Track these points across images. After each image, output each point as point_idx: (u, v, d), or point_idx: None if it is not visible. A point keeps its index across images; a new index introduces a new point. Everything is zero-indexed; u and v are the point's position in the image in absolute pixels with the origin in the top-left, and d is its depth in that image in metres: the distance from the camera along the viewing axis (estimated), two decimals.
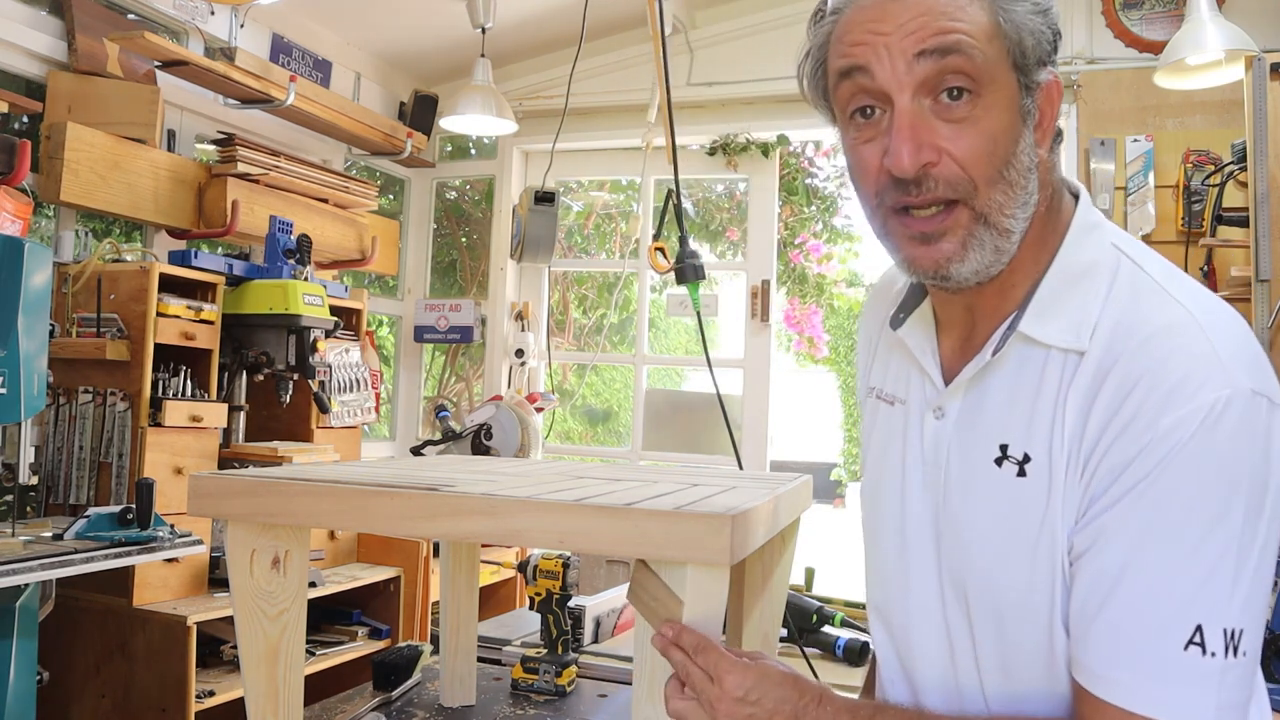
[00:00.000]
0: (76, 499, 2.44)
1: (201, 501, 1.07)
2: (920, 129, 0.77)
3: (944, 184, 0.78)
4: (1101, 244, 0.83)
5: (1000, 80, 0.78)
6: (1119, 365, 0.75)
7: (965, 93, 0.77)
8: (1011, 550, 0.80)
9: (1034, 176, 0.81)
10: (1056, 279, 0.82)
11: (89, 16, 2.61)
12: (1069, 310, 0.80)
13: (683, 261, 1.87)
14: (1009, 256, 0.81)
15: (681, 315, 3.98)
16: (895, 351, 0.97)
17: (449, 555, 1.47)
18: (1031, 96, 0.80)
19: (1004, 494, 0.81)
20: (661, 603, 0.88)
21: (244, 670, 1.08)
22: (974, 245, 0.79)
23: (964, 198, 0.78)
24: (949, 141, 0.77)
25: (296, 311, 2.69)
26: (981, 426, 0.84)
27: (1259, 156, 2.36)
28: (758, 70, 3.50)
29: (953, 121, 0.77)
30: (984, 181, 0.78)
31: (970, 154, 0.77)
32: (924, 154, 0.77)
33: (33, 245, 1.90)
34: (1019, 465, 0.80)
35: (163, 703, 2.30)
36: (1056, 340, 0.79)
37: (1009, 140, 0.78)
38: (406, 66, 3.84)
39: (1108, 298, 0.79)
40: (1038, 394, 0.80)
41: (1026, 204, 0.80)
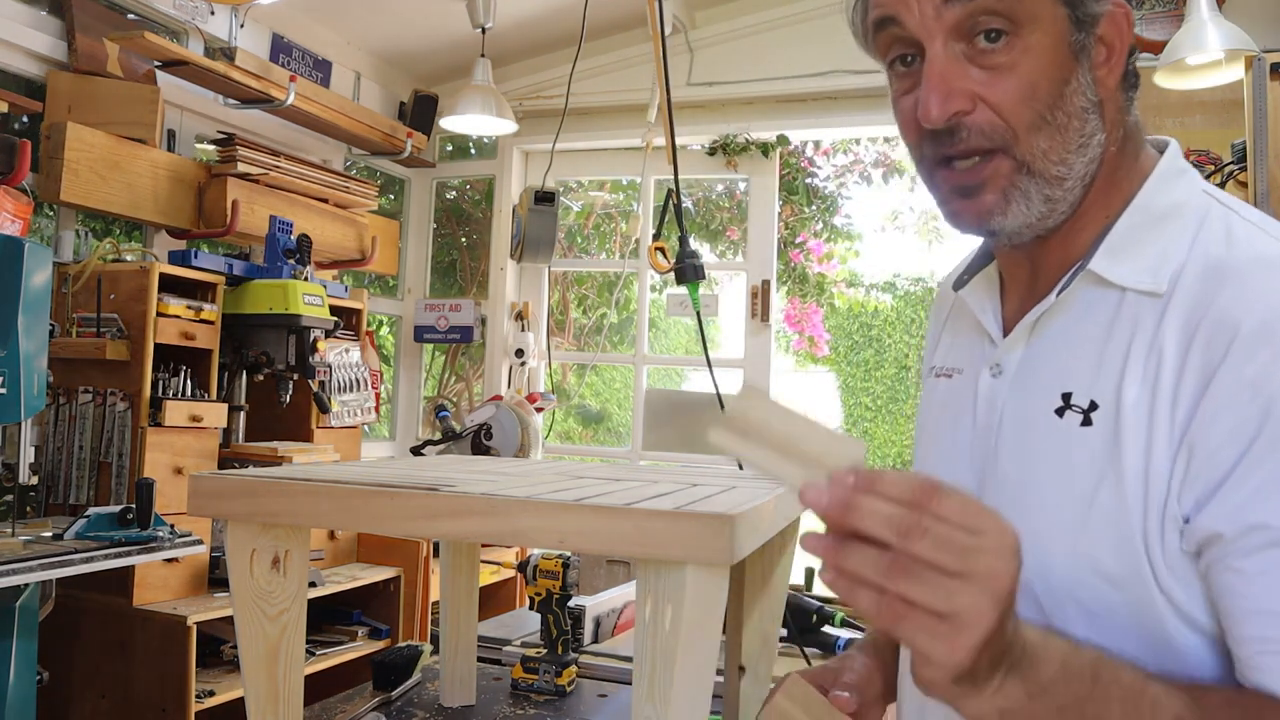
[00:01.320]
0: (76, 499, 2.44)
1: (201, 501, 1.07)
2: (951, 76, 0.72)
3: (978, 133, 0.73)
4: (1191, 188, 0.77)
5: (1043, 16, 0.72)
6: (1214, 310, 0.67)
7: (1002, 34, 0.71)
8: (1068, 510, 0.71)
9: (1092, 117, 0.74)
10: (1135, 218, 0.75)
11: (89, 16, 2.61)
12: (1148, 251, 0.73)
13: (682, 261, 1.86)
14: (1067, 205, 0.75)
15: (681, 315, 3.98)
16: (960, 321, 0.91)
17: (449, 555, 1.47)
18: (1087, 30, 0.73)
19: (1064, 447, 0.73)
20: None
21: (244, 670, 1.08)
22: (1017, 197, 0.74)
23: (1003, 146, 0.73)
24: (984, 87, 0.72)
25: (296, 311, 2.69)
26: (1042, 377, 0.76)
27: (1259, 156, 2.36)
28: (758, 70, 3.50)
29: (989, 67, 0.72)
30: (1025, 128, 0.72)
31: (1008, 99, 0.72)
32: (953, 103, 0.72)
33: (33, 245, 1.91)
34: (1084, 414, 0.72)
35: (163, 703, 2.30)
36: (1131, 281, 0.72)
37: (1055, 81, 0.72)
38: (406, 66, 3.84)
39: (1195, 240, 0.72)
40: (1108, 338, 0.73)
41: (1085, 147, 0.74)
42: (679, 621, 0.88)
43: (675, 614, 0.88)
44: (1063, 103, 0.73)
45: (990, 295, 0.85)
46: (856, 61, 3.34)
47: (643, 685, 0.90)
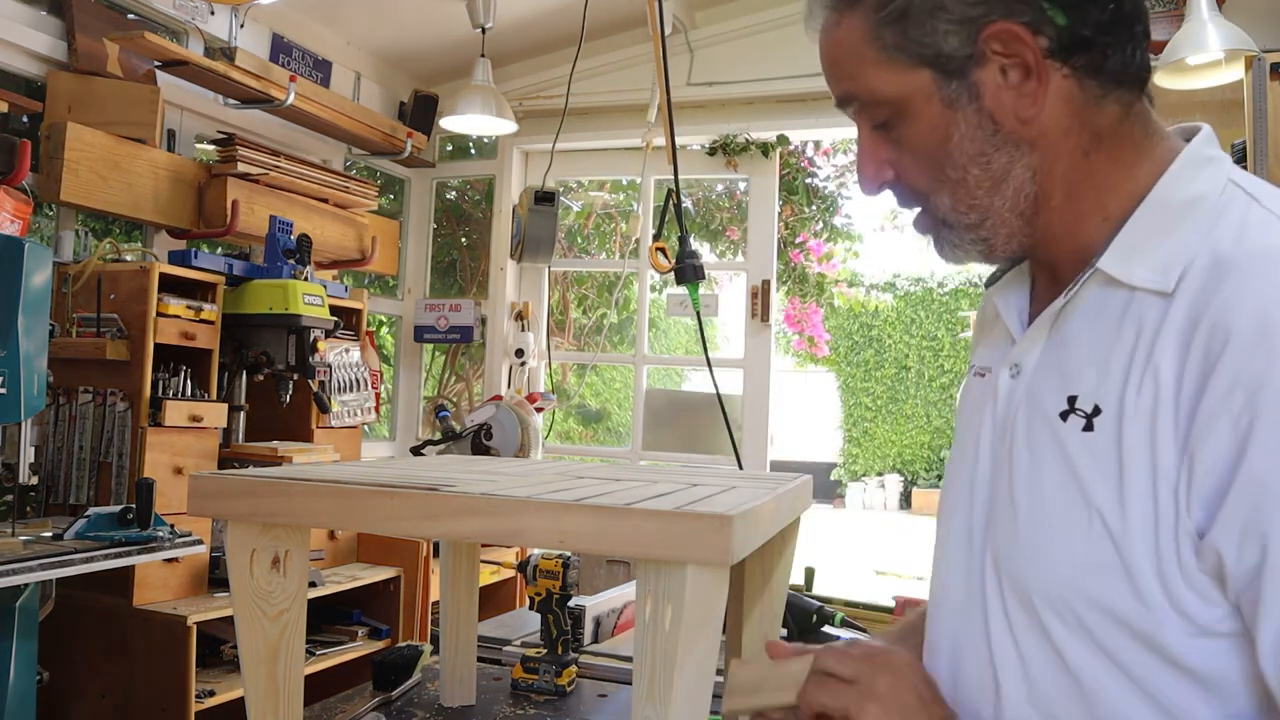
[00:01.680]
0: (76, 499, 2.44)
1: (201, 501, 1.07)
2: (869, 156, 0.81)
3: (903, 195, 0.81)
4: (1215, 178, 0.74)
5: (909, 92, 0.76)
6: (1213, 307, 0.66)
7: (886, 123, 0.79)
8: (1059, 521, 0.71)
9: (999, 153, 0.75)
10: (1150, 213, 0.73)
11: (89, 16, 2.61)
12: (1161, 248, 0.71)
13: (683, 261, 1.87)
14: (1006, 234, 0.78)
15: (681, 315, 3.99)
16: (991, 317, 0.91)
17: (449, 555, 1.47)
18: (960, 76, 0.75)
19: (1066, 452, 0.72)
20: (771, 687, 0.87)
21: (244, 670, 1.08)
22: (946, 243, 0.81)
23: (922, 204, 0.81)
24: (893, 161, 0.80)
25: (296, 311, 2.69)
26: (1053, 378, 0.76)
27: (1259, 156, 2.36)
28: (758, 70, 3.50)
29: (891, 142, 0.80)
30: (928, 190, 0.79)
31: (908, 172, 0.80)
32: (882, 174, 0.81)
33: (33, 245, 1.90)
34: (1086, 418, 0.71)
35: (163, 703, 2.30)
36: (1140, 280, 0.71)
37: (938, 143, 0.76)
38: (406, 66, 3.84)
39: (1209, 234, 0.70)
40: (1116, 340, 0.71)
41: (1001, 183, 0.76)
42: (679, 621, 0.88)
43: (675, 614, 0.88)
44: (950, 159, 0.76)
45: (1018, 293, 0.85)
46: None
47: (643, 685, 0.90)
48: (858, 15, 0.77)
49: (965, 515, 0.82)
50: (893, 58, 0.76)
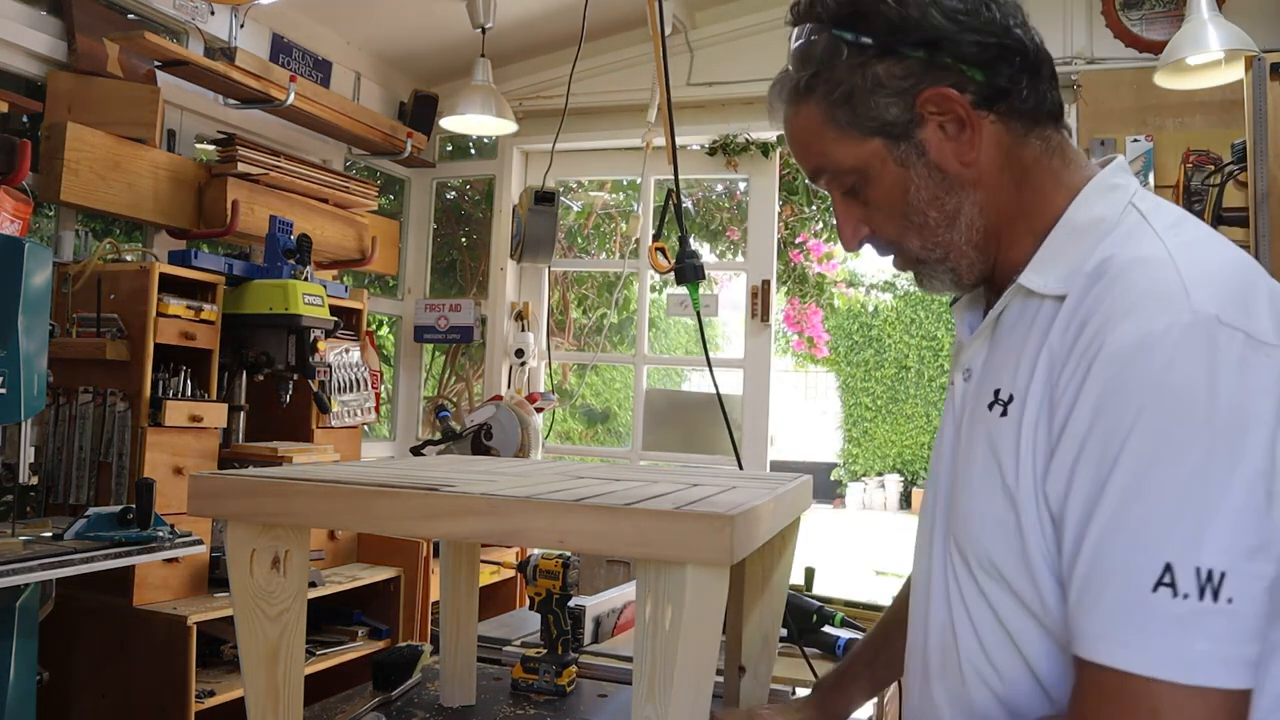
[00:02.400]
0: (76, 499, 2.44)
1: (201, 501, 1.07)
2: (846, 216, 0.94)
3: (880, 247, 0.94)
4: (1116, 202, 0.86)
5: (867, 159, 0.90)
6: (1084, 303, 0.78)
7: (853, 188, 0.92)
8: (983, 493, 0.83)
9: (950, 196, 0.89)
10: (1061, 233, 0.87)
11: (89, 16, 2.61)
12: (1066, 261, 0.84)
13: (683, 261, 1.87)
14: (969, 261, 0.91)
15: (682, 315, 3.99)
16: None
17: (449, 555, 1.47)
18: (906, 138, 0.88)
19: (989, 436, 0.85)
20: None
21: (244, 670, 1.08)
22: (924, 277, 0.94)
23: (895, 250, 0.94)
24: (865, 220, 0.94)
25: (296, 311, 2.69)
26: (986, 378, 0.89)
27: (1259, 156, 2.36)
28: (758, 70, 3.50)
29: (860, 204, 0.93)
30: (898, 237, 0.92)
31: (879, 226, 0.93)
32: (859, 232, 0.94)
33: (33, 245, 1.90)
34: (1004, 406, 0.84)
35: (163, 703, 2.30)
36: (1044, 288, 0.84)
37: (899, 196, 0.90)
38: (406, 66, 3.84)
39: (1097, 247, 0.82)
40: (1026, 339, 0.84)
41: (954, 219, 0.89)
42: (679, 621, 0.88)
43: (675, 614, 0.89)
44: (911, 208, 0.89)
45: (974, 310, 0.99)
46: None
47: (643, 685, 0.90)
48: (811, 103, 0.91)
49: (932, 505, 0.96)
50: (847, 133, 0.89)
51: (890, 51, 0.87)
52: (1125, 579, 0.69)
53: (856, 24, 0.87)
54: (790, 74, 0.94)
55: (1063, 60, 3.06)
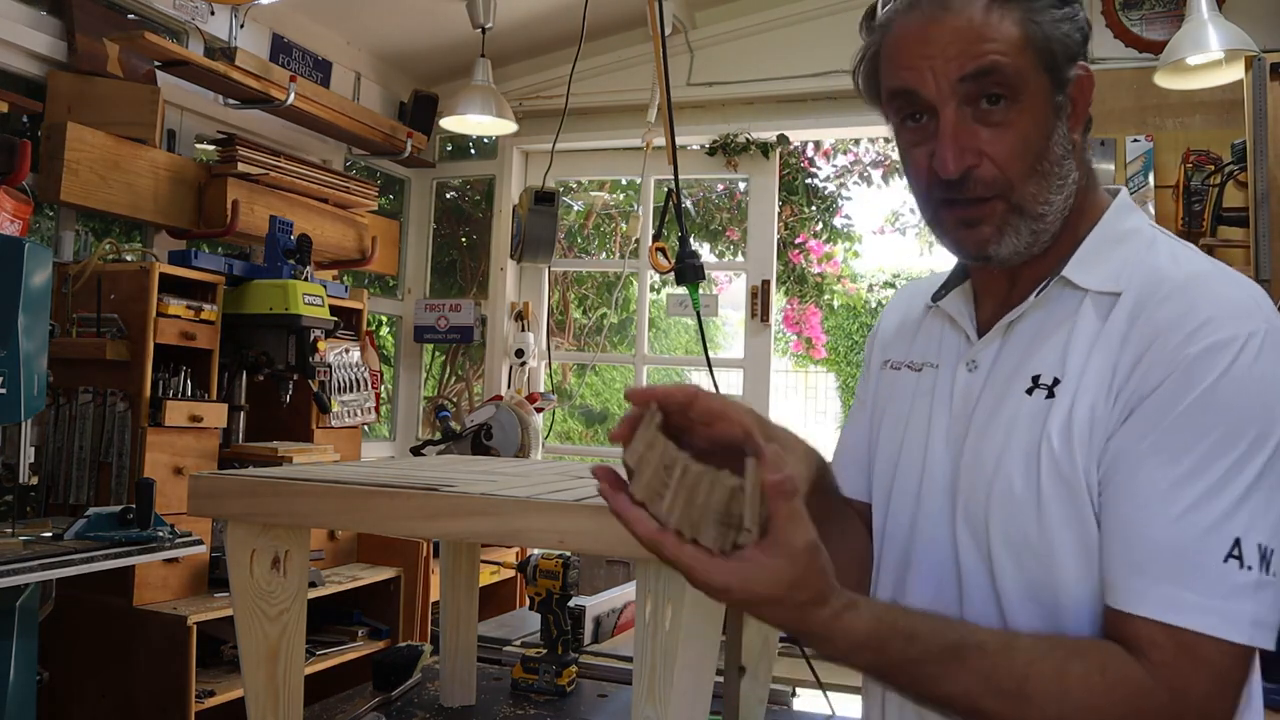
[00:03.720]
0: (76, 499, 2.44)
1: (201, 501, 1.07)
2: (962, 135, 0.87)
3: (981, 184, 0.88)
4: (1141, 220, 0.94)
5: (1033, 85, 0.87)
6: (1150, 306, 0.83)
7: (1002, 99, 0.86)
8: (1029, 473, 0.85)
9: (1069, 162, 0.90)
10: (1099, 238, 0.91)
11: (89, 16, 2.61)
12: (1110, 262, 0.89)
13: (683, 261, 1.87)
14: (1048, 235, 0.90)
15: (682, 315, 3.99)
16: (928, 325, 1.05)
17: (449, 555, 1.47)
18: (1063, 92, 0.89)
19: (1031, 418, 0.86)
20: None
21: (244, 670, 1.08)
22: (1009, 231, 0.89)
23: (1000, 193, 0.88)
24: (988, 144, 0.87)
25: (296, 311, 2.69)
26: (1015, 366, 0.90)
27: (1259, 156, 2.36)
28: (758, 70, 3.50)
29: (991, 125, 0.87)
30: (1019, 177, 0.87)
31: (1007, 155, 0.87)
32: (966, 158, 0.87)
33: (33, 245, 1.90)
34: (1048, 389, 0.86)
35: (163, 703, 2.30)
36: (1095, 284, 0.88)
37: (1042, 136, 0.88)
38: (406, 66, 3.84)
39: (1146, 254, 0.88)
40: (1073, 328, 0.87)
41: (1062, 188, 0.89)
42: (679, 621, 0.88)
43: (675, 614, 0.89)
44: (1047, 153, 0.88)
45: (966, 305, 1.00)
46: None
47: (643, 685, 0.90)
48: (1019, 5, 0.87)
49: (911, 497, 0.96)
50: (1028, 51, 0.87)
51: (1073, 17, 0.89)
52: (1200, 549, 0.76)
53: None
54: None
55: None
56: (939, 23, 0.87)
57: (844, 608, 0.76)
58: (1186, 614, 0.75)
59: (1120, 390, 0.82)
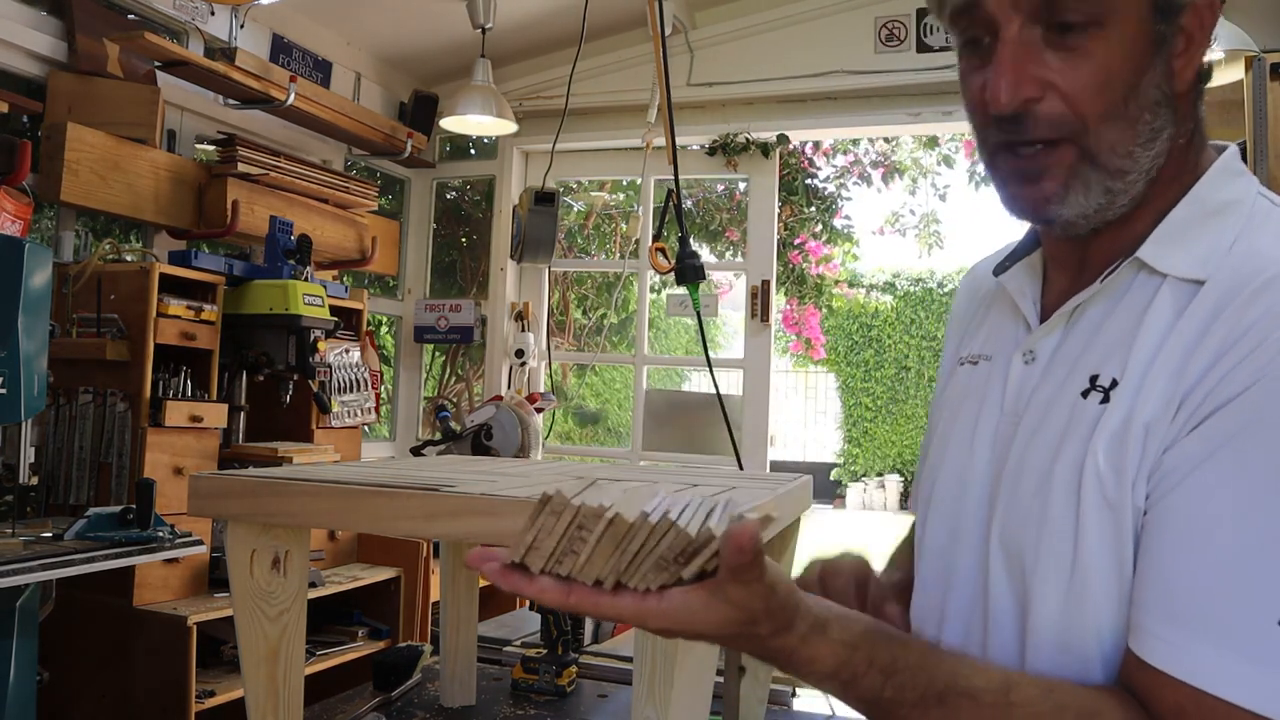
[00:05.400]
0: (76, 499, 2.44)
1: (201, 502, 1.07)
2: (1024, 61, 0.71)
3: (1046, 123, 0.72)
4: (1247, 188, 0.76)
5: (1127, 4, 0.70)
6: (1237, 302, 0.67)
7: (1081, 25, 0.70)
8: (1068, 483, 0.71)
9: (1164, 110, 0.72)
10: (1188, 211, 0.74)
11: (89, 16, 2.61)
12: (1197, 244, 0.72)
13: (683, 262, 1.87)
14: (1128, 199, 0.74)
15: (682, 315, 3.98)
16: (994, 308, 0.89)
17: (449, 555, 1.47)
18: (1171, 20, 0.71)
19: (1079, 428, 0.72)
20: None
21: (244, 670, 1.08)
22: (1077, 186, 0.73)
23: (1071, 136, 0.72)
24: (1058, 74, 0.71)
25: (297, 312, 2.69)
26: (1075, 361, 0.75)
27: (1259, 156, 2.36)
28: (758, 70, 3.50)
29: (1065, 50, 0.70)
30: (1095, 118, 0.71)
31: (1081, 89, 0.70)
32: (1024, 89, 0.71)
33: (33, 245, 1.90)
34: (1105, 393, 0.71)
35: (163, 703, 2.30)
36: (1176, 270, 0.72)
37: (1132, 72, 0.71)
38: (406, 66, 3.84)
39: (1241, 234, 0.72)
40: (1142, 321, 0.72)
41: (1152, 140, 0.72)
42: None
43: None
44: (1136, 94, 0.71)
45: (1032, 282, 0.84)
46: (856, 61, 3.36)
47: (643, 685, 0.90)
48: None
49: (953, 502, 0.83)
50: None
51: None
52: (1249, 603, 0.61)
53: None
54: None
55: None
56: None
57: (810, 631, 0.65)
58: (1227, 685, 0.61)
59: (1187, 396, 0.67)
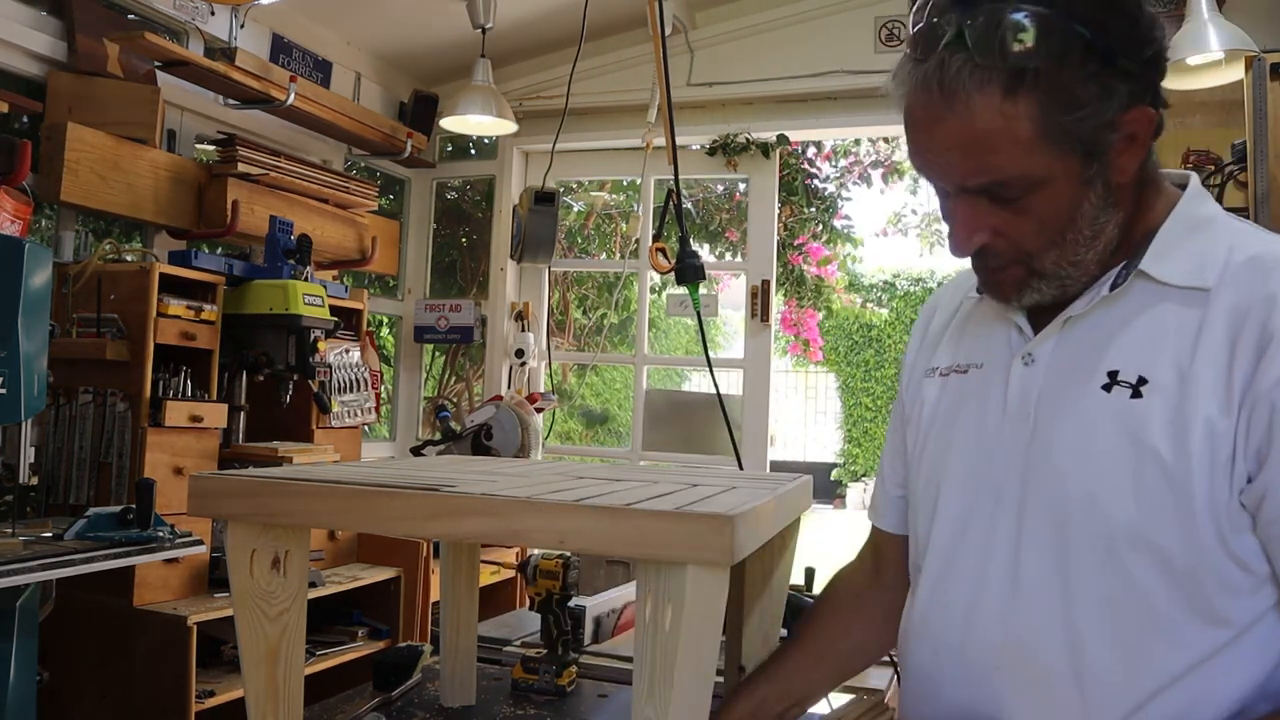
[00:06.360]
0: (76, 499, 2.44)
1: (201, 501, 1.07)
2: (971, 219, 0.84)
3: (996, 255, 0.85)
4: (1215, 207, 0.90)
5: (1055, 170, 0.80)
6: (1263, 293, 0.79)
7: (1009, 197, 0.82)
8: (1119, 471, 0.81)
9: (1104, 211, 0.84)
10: (1176, 227, 0.86)
11: (89, 16, 2.61)
12: (1190, 254, 0.84)
13: (683, 262, 1.87)
14: (1088, 277, 0.86)
15: (682, 315, 3.98)
16: (971, 324, 1.00)
17: (449, 555, 1.47)
18: (1100, 160, 0.82)
19: (1112, 415, 0.82)
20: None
21: (244, 670, 1.08)
22: (1030, 291, 0.87)
23: (1018, 260, 0.85)
24: (1003, 222, 0.83)
25: (297, 312, 2.69)
26: (1083, 359, 0.86)
27: (1259, 156, 2.36)
28: (758, 70, 3.50)
29: (1007, 206, 0.83)
30: (1038, 249, 0.84)
31: (1022, 235, 0.83)
32: (975, 240, 0.85)
33: (33, 245, 1.90)
34: (1132, 387, 0.82)
35: (163, 703, 2.30)
36: (1179, 279, 0.83)
37: (1068, 209, 0.82)
38: (406, 66, 3.84)
39: (1232, 244, 0.84)
40: (1159, 327, 0.83)
41: (1097, 238, 0.85)
42: (679, 622, 0.88)
43: (675, 614, 0.88)
44: (1075, 223, 0.83)
45: None
46: (856, 61, 3.36)
47: (643, 685, 0.90)
48: (1023, 100, 0.77)
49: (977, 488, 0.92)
50: (1047, 143, 0.79)
51: (1113, 62, 0.78)
52: None
53: (1104, 24, 0.77)
54: (994, 56, 0.76)
55: None
56: (942, 122, 0.79)
57: None
58: None
59: (1244, 395, 0.77)
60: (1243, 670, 0.80)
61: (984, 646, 0.89)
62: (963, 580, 0.92)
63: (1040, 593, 0.85)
